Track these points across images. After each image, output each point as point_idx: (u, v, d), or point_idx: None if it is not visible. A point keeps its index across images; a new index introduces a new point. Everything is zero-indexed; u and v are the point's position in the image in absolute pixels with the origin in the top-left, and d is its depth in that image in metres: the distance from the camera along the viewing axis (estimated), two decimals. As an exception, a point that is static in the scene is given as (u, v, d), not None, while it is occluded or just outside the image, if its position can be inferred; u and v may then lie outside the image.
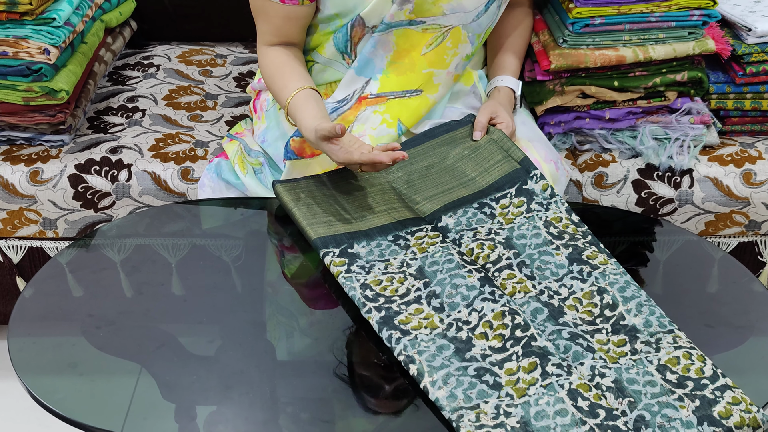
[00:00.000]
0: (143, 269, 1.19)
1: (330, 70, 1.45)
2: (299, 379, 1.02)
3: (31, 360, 1.03)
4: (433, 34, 1.39)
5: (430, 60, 1.40)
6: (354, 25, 1.38)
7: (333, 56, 1.43)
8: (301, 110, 1.31)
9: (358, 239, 1.16)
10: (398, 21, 1.36)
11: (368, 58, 1.39)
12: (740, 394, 0.95)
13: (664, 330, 1.04)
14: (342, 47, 1.41)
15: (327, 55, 1.43)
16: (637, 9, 1.50)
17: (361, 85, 1.40)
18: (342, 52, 1.42)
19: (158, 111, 1.73)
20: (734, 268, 1.24)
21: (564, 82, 1.56)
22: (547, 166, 1.39)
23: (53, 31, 1.53)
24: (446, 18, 1.37)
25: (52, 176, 1.56)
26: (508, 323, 1.02)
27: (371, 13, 1.36)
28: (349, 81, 1.40)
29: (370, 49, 1.39)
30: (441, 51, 1.40)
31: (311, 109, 1.30)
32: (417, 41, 1.38)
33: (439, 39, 1.39)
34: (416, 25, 1.37)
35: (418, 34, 1.38)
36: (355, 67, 1.39)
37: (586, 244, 1.15)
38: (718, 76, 1.63)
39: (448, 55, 1.41)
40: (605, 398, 0.94)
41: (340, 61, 1.43)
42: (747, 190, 1.57)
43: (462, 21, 1.39)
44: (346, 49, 1.41)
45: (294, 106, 1.32)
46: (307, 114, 1.29)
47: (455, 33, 1.40)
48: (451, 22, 1.38)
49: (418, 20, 1.37)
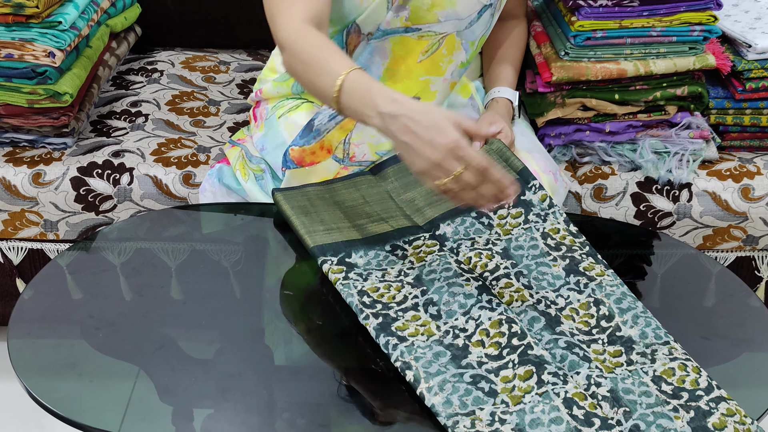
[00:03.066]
0: (143, 272, 1.20)
1: None
2: (296, 383, 1.02)
3: (30, 360, 1.03)
4: (428, 41, 1.40)
5: (426, 67, 1.41)
6: (350, 32, 1.39)
7: None
8: (371, 82, 1.09)
9: (356, 248, 1.17)
10: (394, 28, 1.37)
11: (365, 65, 1.40)
12: (735, 406, 0.96)
13: (660, 341, 1.04)
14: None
15: None
16: (638, 23, 1.51)
17: None
18: None
19: (161, 116, 1.74)
20: (731, 282, 1.24)
21: (565, 94, 1.57)
22: (546, 177, 1.40)
23: (59, 34, 1.54)
24: (441, 25, 1.38)
25: (54, 178, 1.57)
26: (505, 331, 1.03)
27: (367, 20, 1.37)
28: None
29: (367, 56, 1.39)
30: (437, 58, 1.41)
31: (379, 84, 1.11)
32: (413, 48, 1.39)
33: (435, 46, 1.40)
34: (412, 32, 1.38)
35: (413, 41, 1.39)
36: None
37: (583, 256, 1.16)
38: (717, 92, 1.64)
39: (443, 62, 1.42)
40: (601, 407, 0.94)
41: None
42: (745, 205, 1.58)
43: (456, 28, 1.40)
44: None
45: (356, 81, 1.10)
46: (382, 87, 1.09)
47: (450, 40, 1.41)
48: (446, 29, 1.39)
49: (413, 27, 1.38)
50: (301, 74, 1.19)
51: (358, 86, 1.08)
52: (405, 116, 1.03)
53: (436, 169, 1.02)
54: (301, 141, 1.35)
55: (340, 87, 1.10)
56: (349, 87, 1.09)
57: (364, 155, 1.36)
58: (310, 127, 1.36)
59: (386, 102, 1.05)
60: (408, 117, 1.02)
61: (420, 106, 1.03)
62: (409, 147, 1.04)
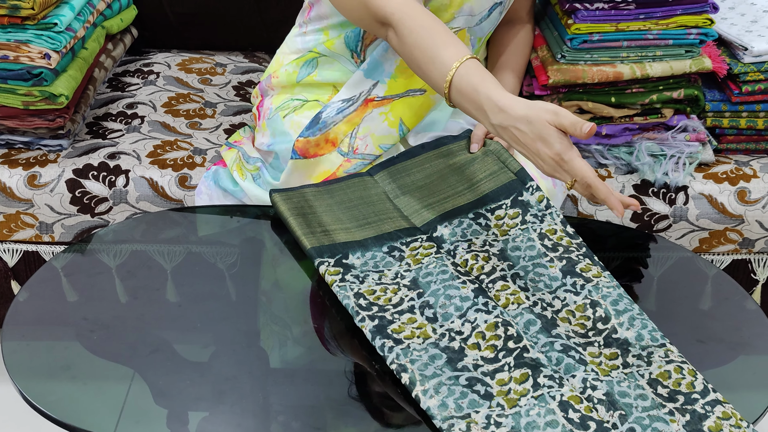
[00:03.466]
0: (138, 275, 1.20)
1: (337, 65, 1.45)
2: (292, 386, 1.02)
3: (24, 363, 1.03)
4: None
5: None
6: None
7: (341, 52, 1.43)
8: (478, 81, 1.08)
9: (353, 249, 1.17)
10: None
11: (378, 61, 1.40)
12: (730, 409, 0.95)
13: (656, 344, 1.04)
14: (352, 46, 1.42)
15: (335, 50, 1.43)
16: (635, 26, 1.51)
17: (368, 87, 1.40)
18: (351, 50, 1.42)
19: (157, 118, 1.74)
20: (727, 285, 1.24)
21: (561, 97, 1.57)
22: (544, 181, 1.39)
23: (54, 36, 1.54)
24: (454, 21, 1.39)
25: (49, 180, 1.56)
26: (501, 334, 1.02)
27: None
28: (357, 82, 1.40)
29: (381, 53, 1.39)
30: None
31: (492, 81, 1.09)
32: None
33: None
34: None
35: None
36: (364, 69, 1.40)
37: (580, 257, 1.16)
38: (714, 95, 1.64)
39: None
40: (596, 411, 0.94)
41: (348, 57, 1.43)
42: (741, 207, 1.58)
43: (467, 24, 1.41)
44: (356, 48, 1.42)
45: (463, 80, 1.09)
46: (488, 88, 1.07)
47: (461, 36, 1.41)
48: (459, 24, 1.40)
49: None
50: (409, 57, 1.17)
51: (465, 85, 1.08)
52: (513, 127, 1.03)
53: (556, 175, 1.02)
54: (306, 132, 1.35)
55: (450, 84, 1.10)
56: (458, 84, 1.09)
57: (366, 147, 1.36)
58: (317, 119, 1.36)
59: (494, 112, 1.05)
60: (515, 128, 1.03)
61: (524, 111, 1.02)
62: (526, 154, 1.06)
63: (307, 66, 1.45)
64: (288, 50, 1.49)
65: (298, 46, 1.47)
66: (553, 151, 1.01)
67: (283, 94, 1.48)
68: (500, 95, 1.05)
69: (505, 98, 1.05)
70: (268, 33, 2.04)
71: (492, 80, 1.09)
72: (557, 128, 1.01)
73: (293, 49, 1.48)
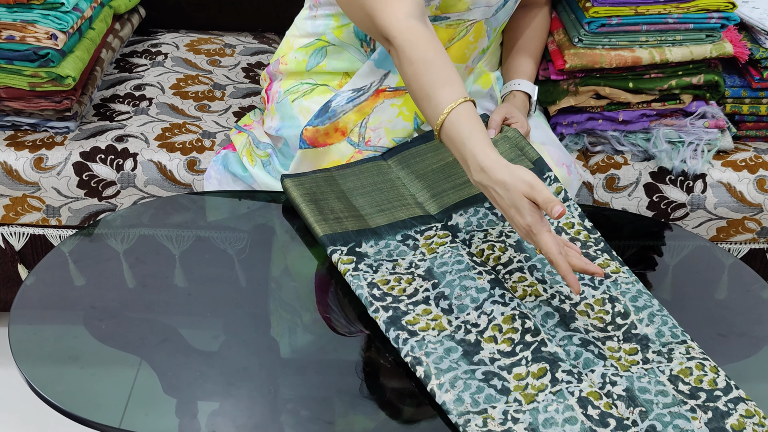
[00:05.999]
0: (147, 261, 1.18)
1: (346, 54, 1.42)
2: (302, 377, 1.00)
3: (31, 350, 1.01)
4: (456, 29, 1.37)
5: (451, 54, 1.38)
6: None
7: (350, 41, 1.41)
8: (467, 134, 1.09)
9: (366, 237, 1.14)
10: None
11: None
12: (754, 407, 0.93)
13: (677, 340, 1.02)
14: (362, 35, 1.39)
15: (344, 39, 1.41)
16: (654, 10, 1.48)
17: (379, 77, 1.38)
18: (361, 39, 1.40)
19: (165, 100, 1.71)
20: (745, 274, 1.22)
21: (578, 82, 1.54)
22: (560, 170, 1.37)
23: (61, 16, 1.51)
24: (470, 12, 1.36)
25: (56, 163, 1.54)
26: (518, 327, 1.00)
27: None
28: (368, 72, 1.38)
29: None
30: (462, 45, 1.39)
31: (481, 133, 1.09)
32: (440, 36, 1.37)
33: (462, 33, 1.38)
34: (440, 21, 1.36)
35: (441, 30, 1.36)
36: (375, 59, 1.37)
37: (598, 252, 1.13)
38: (734, 80, 1.61)
39: (468, 49, 1.40)
40: (616, 407, 0.92)
41: (357, 47, 1.41)
42: (760, 196, 1.55)
43: (484, 15, 1.38)
44: (365, 37, 1.39)
45: (453, 127, 1.11)
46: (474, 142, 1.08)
47: (478, 27, 1.39)
48: (475, 16, 1.37)
49: (443, 16, 1.35)
50: (407, 84, 1.18)
51: (454, 134, 1.10)
52: (491, 188, 1.06)
53: (528, 240, 1.04)
54: (315, 121, 1.33)
55: (440, 127, 1.12)
56: (448, 130, 1.11)
57: (380, 140, 1.34)
58: (327, 108, 1.34)
59: (476, 170, 1.07)
60: (494, 189, 1.05)
61: (503, 176, 1.04)
62: (502, 214, 1.09)
63: (316, 55, 1.43)
64: (298, 33, 1.47)
65: (308, 30, 1.44)
66: (525, 222, 1.03)
67: (291, 79, 1.46)
68: (484, 154, 1.07)
69: (488, 159, 1.06)
70: (277, 13, 2.01)
71: (480, 133, 1.09)
72: (531, 201, 1.02)
73: (303, 32, 1.45)
